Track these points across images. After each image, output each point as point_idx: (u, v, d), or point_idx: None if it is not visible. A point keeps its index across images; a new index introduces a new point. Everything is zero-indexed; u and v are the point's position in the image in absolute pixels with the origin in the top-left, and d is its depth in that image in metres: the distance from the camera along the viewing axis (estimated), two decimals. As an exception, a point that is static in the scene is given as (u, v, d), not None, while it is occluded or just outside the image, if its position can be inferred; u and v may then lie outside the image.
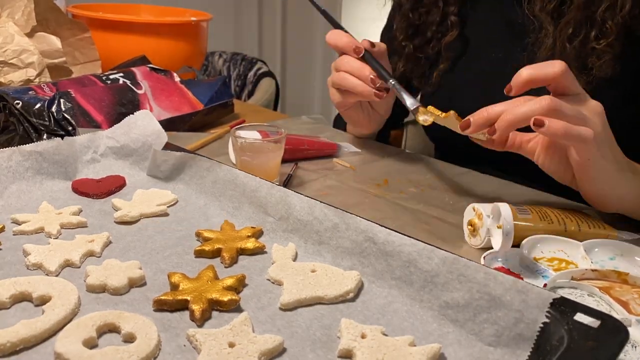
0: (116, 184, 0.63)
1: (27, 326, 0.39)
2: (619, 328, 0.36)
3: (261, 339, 0.39)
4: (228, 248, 0.50)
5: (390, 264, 0.46)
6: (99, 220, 0.56)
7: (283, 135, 0.68)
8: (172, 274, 0.46)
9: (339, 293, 0.45)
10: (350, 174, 0.75)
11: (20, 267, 0.47)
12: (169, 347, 0.39)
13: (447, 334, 0.41)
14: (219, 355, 0.37)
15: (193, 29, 1.10)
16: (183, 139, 0.81)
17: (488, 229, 0.55)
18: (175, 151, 0.64)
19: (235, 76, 2.15)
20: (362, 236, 0.48)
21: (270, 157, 0.67)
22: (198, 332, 0.39)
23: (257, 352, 0.38)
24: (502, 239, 0.52)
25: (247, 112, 1.04)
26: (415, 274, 0.45)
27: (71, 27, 0.96)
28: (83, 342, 0.38)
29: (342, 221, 0.50)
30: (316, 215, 0.52)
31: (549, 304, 0.38)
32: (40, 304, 0.42)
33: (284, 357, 0.39)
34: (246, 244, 0.51)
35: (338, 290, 0.45)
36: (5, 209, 0.56)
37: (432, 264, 0.44)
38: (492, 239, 0.55)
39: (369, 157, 0.82)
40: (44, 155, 0.62)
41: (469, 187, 0.73)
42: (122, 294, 0.44)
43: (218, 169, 0.60)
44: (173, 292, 0.44)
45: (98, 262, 0.48)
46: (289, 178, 0.71)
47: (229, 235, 0.52)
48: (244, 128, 0.70)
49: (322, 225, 0.51)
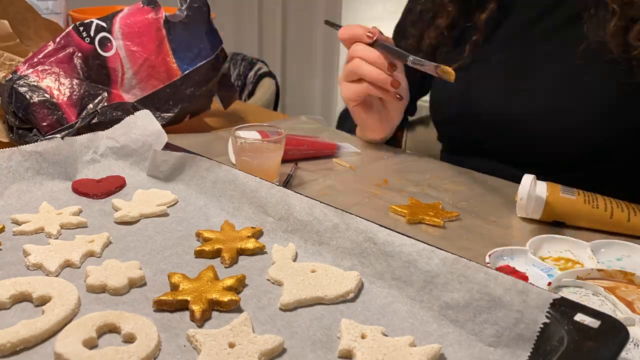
0: (116, 184, 0.63)
1: (27, 326, 0.39)
2: (619, 328, 0.36)
3: (261, 339, 0.39)
4: (228, 248, 0.50)
5: (391, 264, 0.46)
6: (99, 221, 0.56)
7: (283, 136, 0.68)
8: (172, 274, 0.46)
9: (339, 293, 0.45)
10: (350, 174, 0.75)
11: (20, 268, 0.47)
12: (169, 347, 0.39)
13: (447, 335, 0.41)
14: (219, 356, 0.37)
15: None
16: (187, 138, 0.81)
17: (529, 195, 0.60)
18: (175, 151, 0.64)
19: (235, 76, 2.15)
20: (362, 236, 0.48)
21: (270, 157, 0.67)
22: (198, 333, 0.39)
23: (257, 353, 0.38)
24: (533, 205, 0.59)
25: (248, 112, 1.04)
26: (415, 275, 0.45)
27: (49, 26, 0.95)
28: (83, 342, 0.38)
29: (342, 221, 0.50)
30: (316, 215, 0.52)
31: (549, 305, 0.38)
32: (40, 304, 0.42)
33: (284, 357, 0.39)
34: (246, 244, 0.51)
35: (338, 290, 0.45)
36: (5, 209, 0.56)
37: (432, 265, 0.44)
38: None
39: (368, 157, 0.82)
40: (44, 155, 0.62)
41: (468, 187, 0.73)
42: (122, 295, 0.44)
43: (218, 169, 0.60)
44: (173, 292, 0.44)
45: (98, 263, 0.48)
46: (289, 178, 0.71)
47: (229, 235, 0.52)
48: (243, 128, 0.70)
49: (322, 226, 0.51)
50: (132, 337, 0.39)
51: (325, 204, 0.52)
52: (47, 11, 1.03)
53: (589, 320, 0.37)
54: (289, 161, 0.75)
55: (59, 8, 1.04)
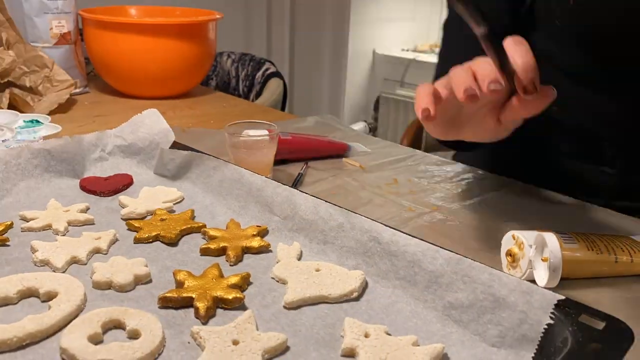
0: (123, 182, 0.64)
1: (34, 321, 0.39)
2: (624, 330, 0.36)
3: (265, 337, 0.39)
4: (233, 246, 0.50)
5: (395, 264, 0.46)
6: (105, 218, 0.57)
7: (275, 132, 0.68)
8: (177, 272, 0.46)
9: (343, 292, 0.45)
10: (360, 173, 0.76)
11: (27, 264, 0.48)
12: (173, 343, 0.39)
13: (450, 334, 0.41)
14: (222, 353, 0.37)
15: (203, 29, 1.10)
16: (197, 134, 0.81)
17: (530, 261, 0.49)
18: (182, 150, 0.64)
19: (243, 76, 2.15)
20: (366, 236, 0.48)
21: (263, 153, 0.67)
22: (202, 330, 0.39)
23: (260, 350, 0.38)
24: (548, 274, 0.48)
25: (255, 113, 1.04)
26: (419, 274, 0.45)
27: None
28: (88, 337, 0.38)
29: (347, 220, 0.50)
30: (321, 214, 0.52)
31: (554, 305, 0.38)
32: (46, 299, 0.43)
33: (287, 355, 0.39)
34: (251, 243, 0.51)
35: (342, 289, 0.45)
36: (13, 205, 0.57)
37: (437, 264, 0.44)
38: (535, 272, 0.50)
39: (378, 156, 0.82)
40: (52, 153, 0.62)
41: (479, 188, 0.72)
42: (127, 291, 0.45)
43: (225, 168, 0.60)
44: (178, 289, 0.44)
45: (104, 259, 0.48)
46: (300, 177, 0.71)
47: (235, 233, 0.53)
48: (236, 125, 0.70)
49: (327, 225, 0.51)
50: (137, 333, 0.39)
51: (330, 203, 0.52)
52: (57, 10, 1.03)
53: (593, 321, 0.37)
54: (299, 160, 0.75)
55: (68, 7, 1.04)
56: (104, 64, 1.08)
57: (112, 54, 1.05)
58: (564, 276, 0.49)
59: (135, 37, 1.03)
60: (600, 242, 0.52)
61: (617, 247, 0.52)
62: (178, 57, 1.06)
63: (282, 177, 0.72)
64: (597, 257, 0.51)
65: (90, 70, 1.16)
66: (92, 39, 1.06)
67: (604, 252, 0.51)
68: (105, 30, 1.04)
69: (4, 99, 0.92)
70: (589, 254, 0.51)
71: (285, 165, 0.75)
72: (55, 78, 0.95)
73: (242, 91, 2.12)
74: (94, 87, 1.13)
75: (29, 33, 1.02)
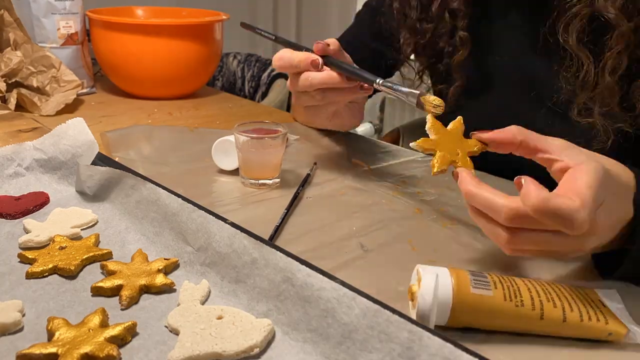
0: (36, 202, 0.57)
1: None
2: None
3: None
4: (130, 285, 0.43)
5: (308, 312, 0.39)
6: (2, 245, 0.50)
7: (284, 132, 0.65)
8: (51, 319, 0.39)
9: (241, 349, 0.37)
10: (367, 174, 0.73)
11: None
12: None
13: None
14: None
15: (210, 30, 1.07)
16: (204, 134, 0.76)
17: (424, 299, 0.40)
18: (102, 166, 0.57)
19: (249, 77, 2.11)
20: (280, 276, 0.41)
21: (272, 153, 0.65)
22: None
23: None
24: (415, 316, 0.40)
25: (261, 113, 1.03)
26: (332, 327, 0.37)
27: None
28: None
29: (261, 256, 0.43)
30: (235, 247, 0.45)
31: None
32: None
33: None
34: (154, 280, 0.44)
35: (240, 345, 0.38)
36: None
37: (352, 316, 0.37)
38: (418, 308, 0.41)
39: (386, 157, 0.79)
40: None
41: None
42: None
43: (142, 188, 0.53)
44: (42, 344, 0.37)
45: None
46: (308, 177, 0.68)
47: (137, 268, 0.46)
48: (245, 125, 0.67)
49: (240, 260, 0.44)
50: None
51: (247, 234, 0.45)
52: (65, 11, 1.00)
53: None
54: None
55: (76, 8, 1.02)
56: (110, 64, 1.05)
57: (118, 55, 1.02)
58: (475, 326, 0.41)
59: (141, 38, 1.00)
60: (527, 292, 0.41)
61: (548, 302, 0.41)
62: (184, 57, 1.03)
63: (290, 178, 0.68)
64: (515, 309, 0.40)
65: (97, 70, 1.14)
66: (99, 39, 1.04)
67: (526, 306, 0.41)
68: (112, 31, 1.01)
69: (11, 99, 0.91)
70: (505, 304, 0.40)
71: (294, 166, 0.72)
72: (62, 78, 0.94)
73: (248, 92, 2.07)
74: (100, 88, 1.11)
75: (36, 33, 1.00)
